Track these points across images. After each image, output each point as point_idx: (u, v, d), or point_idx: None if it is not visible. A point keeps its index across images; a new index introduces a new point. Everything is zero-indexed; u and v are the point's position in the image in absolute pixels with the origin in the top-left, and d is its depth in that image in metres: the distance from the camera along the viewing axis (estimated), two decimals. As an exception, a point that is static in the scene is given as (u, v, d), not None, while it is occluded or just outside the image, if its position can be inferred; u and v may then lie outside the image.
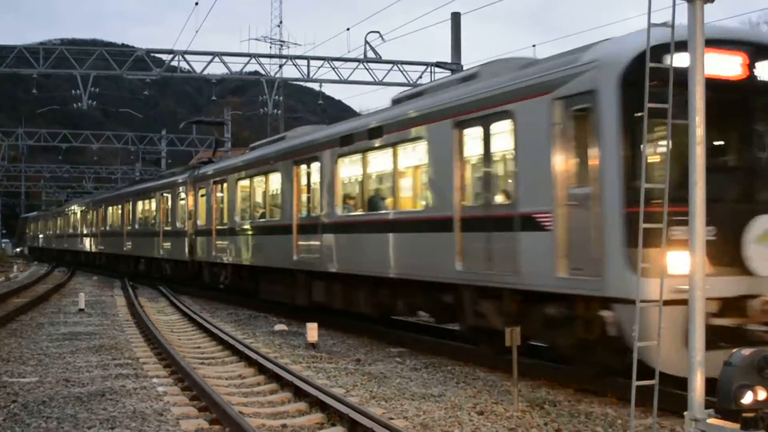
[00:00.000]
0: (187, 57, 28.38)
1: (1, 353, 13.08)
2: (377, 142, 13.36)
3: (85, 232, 46.92)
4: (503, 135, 10.27)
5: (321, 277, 15.73)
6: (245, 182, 20.48)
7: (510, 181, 10.22)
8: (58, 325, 17.49)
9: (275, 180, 18.46)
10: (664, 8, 7.30)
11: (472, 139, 10.90)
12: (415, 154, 12.69)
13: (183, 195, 26.30)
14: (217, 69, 28.72)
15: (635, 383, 6.18)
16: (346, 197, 14.97)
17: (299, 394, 9.31)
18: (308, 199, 16.34)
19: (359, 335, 15.17)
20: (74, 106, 37.17)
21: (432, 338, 14.07)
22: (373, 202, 13.91)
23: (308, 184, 16.36)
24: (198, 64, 28.68)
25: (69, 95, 37.92)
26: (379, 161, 13.79)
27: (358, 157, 14.22)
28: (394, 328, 15.47)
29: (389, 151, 13.09)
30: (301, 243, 16.28)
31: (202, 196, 24.27)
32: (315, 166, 15.86)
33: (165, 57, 29.26)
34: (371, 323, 15.37)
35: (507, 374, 10.05)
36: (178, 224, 26.48)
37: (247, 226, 20.02)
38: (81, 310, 20.58)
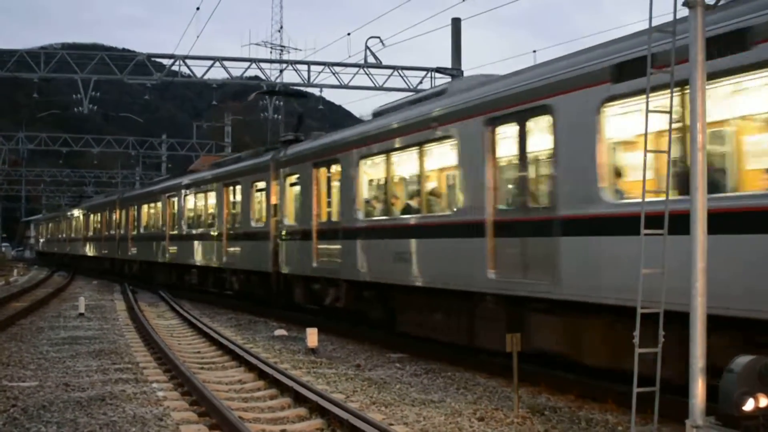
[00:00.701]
0: (188, 62, 28.51)
1: (1, 357, 13.05)
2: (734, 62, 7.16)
3: (110, 235, 39.79)
4: None
5: (548, 309, 9.86)
6: (375, 161, 14.40)
7: None
8: (58, 330, 17.48)
9: (440, 154, 12.55)
10: (664, 14, 7.31)
11: None
12: None
13: (261, 185, 20.22)
14: (217, 74, 28.87)
15: (636, 390, 6.17)
16: (623, 172, 8.96)
17: (299, 399, 9.30)
18: (521, 181, 10.29)
19: (359, 341, 15.13)
20: (75, 111, 37.23)
21: (432, 344, 13.67)
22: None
23: (522, 156, 10.22)
24: (198, 69, 28.80)
25: (70, 99, 38.07)
26: (730, 101, 7.67)
27: (665, 98, 7.08)
28: (394, 334, 15.37)
29: None
30: (502, 251, 10.42)
31: (293, 185, 18.16)
32: (538, 124, 9.89)
33: (166, 62, 29.38)
34: (371, 329, 15.18)
35: (507, 380, 10.04)
36: (254, 224, 20.55)
37: (378, 226, 14.01)
38: (81, 314, 20.58)
